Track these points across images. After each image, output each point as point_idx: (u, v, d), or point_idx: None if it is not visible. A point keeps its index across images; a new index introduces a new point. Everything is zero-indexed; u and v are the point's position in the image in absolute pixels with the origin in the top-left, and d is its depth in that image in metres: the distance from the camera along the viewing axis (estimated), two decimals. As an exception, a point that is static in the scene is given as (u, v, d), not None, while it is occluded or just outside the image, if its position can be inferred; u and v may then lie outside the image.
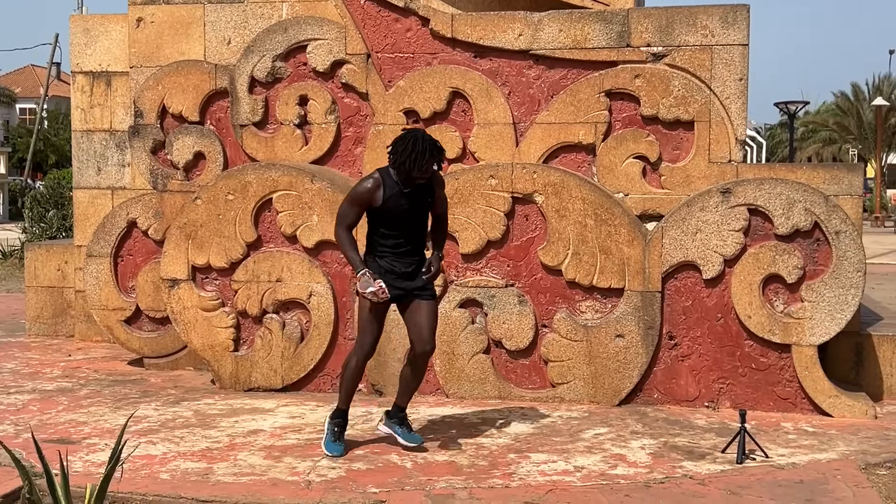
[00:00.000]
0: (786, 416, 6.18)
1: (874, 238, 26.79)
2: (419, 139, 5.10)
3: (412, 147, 5.07)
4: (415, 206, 5.24)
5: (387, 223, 5.22)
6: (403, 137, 5.14)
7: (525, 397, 6.60)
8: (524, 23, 6.89)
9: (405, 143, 5.10)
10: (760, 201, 6.25)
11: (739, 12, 6.59)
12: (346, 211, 5.21)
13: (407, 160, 5.07)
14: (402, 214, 5.21)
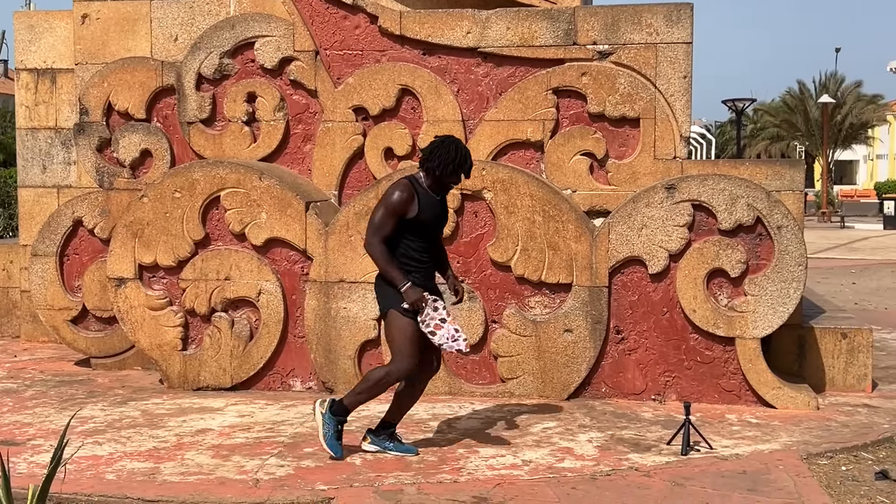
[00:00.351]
0: (731, 408, 6.29)
1: (820, 233, 27.32)
2: (459, 145, 5.07)
3: (455, 153, 5.03)
4: (441, 214, 5.18)
5: (417, 234, 5.03)
6: (443, 143, 5.06)
7: (475, 393, 6.64)
8: (472, 20, 6.92)
9: (446, 148, 5.03)
10: (704, 197, 6.35)
11: (683, 11, 6.68)
12: (383, 222, 4.94)
13: (450, 165, 5.01)
14: (434, 224, 5.11)
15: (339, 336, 6.70)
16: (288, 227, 6.73)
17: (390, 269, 4.94)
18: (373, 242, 4.96)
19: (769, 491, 4.63)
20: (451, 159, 5.02)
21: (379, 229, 4.95)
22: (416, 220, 5.00)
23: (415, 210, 4.98)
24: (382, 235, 4.95)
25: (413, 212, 4.98)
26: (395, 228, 4.97)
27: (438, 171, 5.03)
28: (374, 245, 4.96)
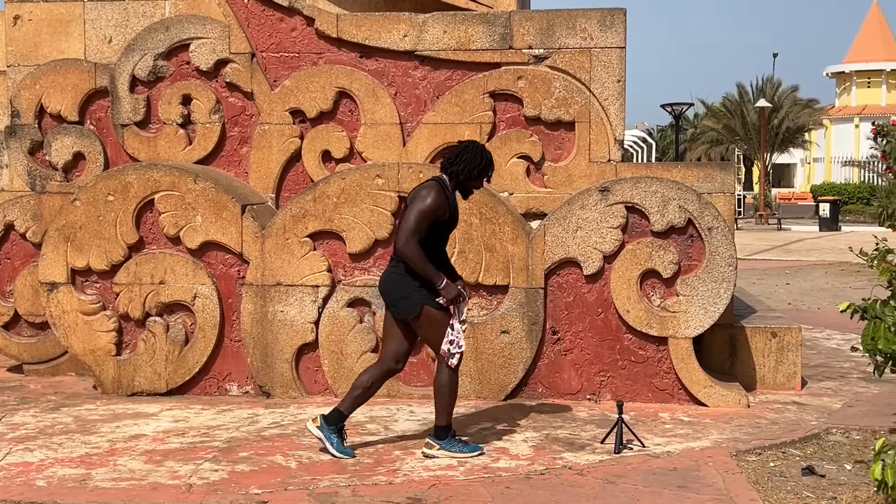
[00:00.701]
0: (664, 407, 6.40)
1: (758, 235, 27.84)
2: (484, 150, 5.26)
3: (481, 157, 5.22)
4: (453, 220, 5.33)
5: (437, 236, 5.23)
6: (469, 148, 5.24)
7: (414, 395, 6.66)
8: (409, 24, 6.95)
9: (473, 153, 5.21)
10: (637, 199, 6.45)
11: (616, 16, 6.78)
12: (421, 225, 5.07)
13: (475, 169, 5.20)
14: (453, 226, 5.34)
15: (276, 339, 6.67)
16: (224, 231, 6.69)
17: (428, 269, 5.09)
18: (410, 244, 5.06)
19: (698, 487, 4.72)
20: (476, 163, 5.21)
21: (416, 231, 5.07)
22: (444, 222, 5.21)
23: (446, 213, 5.19)
24: (419, 237, 5.08)
25: (446, 214, 5.19)
26: (429, 230, 5.13)
27: (463, 176, 5.21)
28: (411, 246, 5.06)
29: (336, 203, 6.67)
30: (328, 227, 6.68)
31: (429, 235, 5.15)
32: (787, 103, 45.08)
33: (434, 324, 5.17)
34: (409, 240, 5.06)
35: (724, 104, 47.67)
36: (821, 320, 10.50)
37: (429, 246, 5.15)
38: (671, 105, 29.95)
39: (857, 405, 6.52)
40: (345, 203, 6.66)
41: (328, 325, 6.67)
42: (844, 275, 15.88)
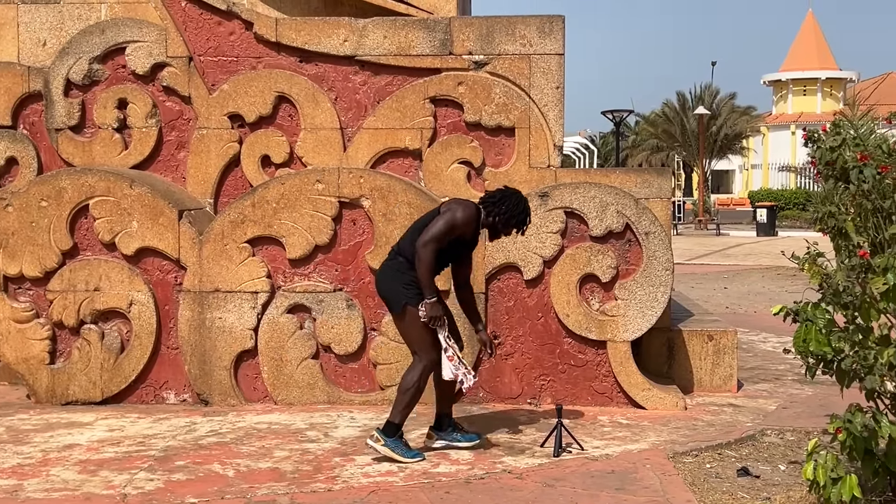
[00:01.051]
0: (603, 410, 6.45)
1: (697, 240, 28.27)
2: (527, 203, 5.44)
3: (523, 208, 5.38)
4: (468, 246, 5.49)
5: (451, 256, 5.40)
6: (514, 196, 5.39)
7: (354, 401, 6.63)
8: (349, 28, 6.93)
9: (516, 201, 5.38)
10: (576, 204, 6.50)
11: (555, 23, 6.84)
12: (444, 234, 5.22)
13: (514, 218, 5.36)
14: (468, 252, 5.51)
15: (214, 347, 6.60)
16: (160, 236, 6.60)
17: (430, 278, 5.18)
18: (429, 247, 5.16)
19: (636, 489, 4.76)
20: (517, 212, 5.36)
21: (438, 239, 5.19)
22: (463, 243, 5.38)
23: (469, 234, 5.34)
24: (438, 246, 5.19)
25: (470, 234, 5.36)
26: (449, 242, 5.26)
27: (501, 219, 5.36)
28: (428, 250, 5.16)
29: (275, 208, 6.62)
30: (267, 232, 6.63)
31: (445, 255, 5.32)
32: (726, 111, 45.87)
33: (415, 323, 5.24)
34: (430, 243, 5.17)
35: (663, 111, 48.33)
36: (757, 323, 10.68)
37: (439, 258, 5.27)
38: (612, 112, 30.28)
39: (791, 406, 6.64)
40: (284, 208, 6.61)
41: (268, 331, 6.61)
42: (781, 279, 16.19)
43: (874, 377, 4.13)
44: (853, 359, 4.16)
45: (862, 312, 4.26)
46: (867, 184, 4.44)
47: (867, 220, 4.46)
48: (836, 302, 4.32)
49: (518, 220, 5.37)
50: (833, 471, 4.05)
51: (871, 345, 4.23)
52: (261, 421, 6.19)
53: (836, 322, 4.32)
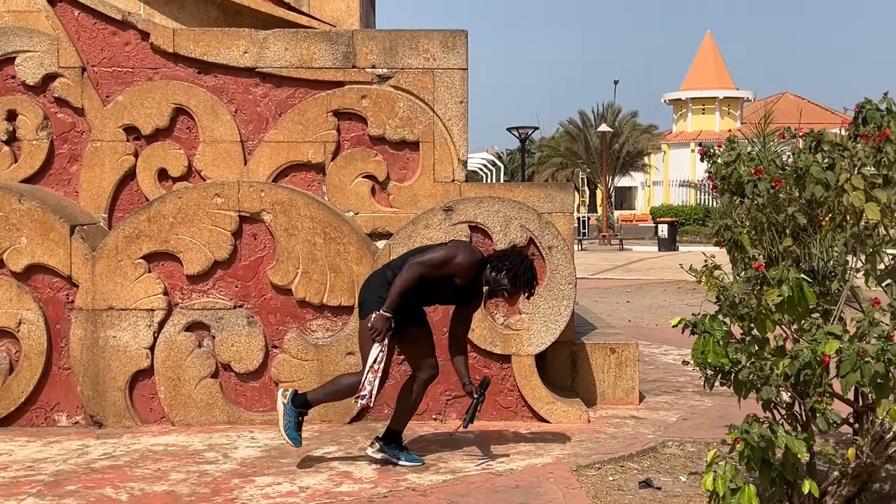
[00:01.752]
0: (508, 425, 6.44)
1: (601, 255, 28.73)
2: (533, 268, 5.32)
3: (529, 273, 5.26)
4: (470, 297, 5.43)
5: (434, 296, 5.39)
6: (520, 258, 5.32)
7: (255, 420, 6.47)
8: (250, 40, 6.81)
9: (522, 263, 5.26)
10: (480, 219, 6.50)
11: (458, 38, 6.84)
12: (437, 266, 5.20)
13: (518, 280, 5.22)
14: (454, 299, 5.40)
15: (108, 367, 6.36)
16: (51, 253, 6.35)
17: (399, 295, 5.12)
18: (414, 268, 5.15)
19: (539, 503, 4.74)
20: (520, 273, 5.22)
21: (429, 265, 5.18)
22: (455, 288, 5.29)
23: (462, 280, 5.25)
24: (425, 271, 5.16)
25: (460, 280, 5.25)
26: (438, 277, 5.20)
27: (500, 276, 5.24)
28: (413, 270, 5.14)
29: (172, 223, 6.44)
30: (164, 247, 6.44)
31: (427, 293, 5.28)
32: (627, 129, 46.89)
33: (418, 344, 5.43)
34: (418, 265, 5.16)
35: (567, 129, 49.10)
36: (658, 336, 10.86)
37: (423, 288, 5.21)
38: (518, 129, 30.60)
39: (691, 418, 6.74)
40: (182, 223, 6.43)
41: (164, 350, 6.41)
42: (681, 292, 16.53)
43: (770, 388, 4.20)
44: (750, 370, 4.22)
45: (758, 324, 4.33)
46: (761, 198, 4.53)
47: (762, 233, 4.55)
48: (732, 314, 4.38)
49: (526, 278, 5.25)
50: (732, 481, 4.09)
51: (767, 356, 4.29)
52: (157, 443, 5.98)
53: (734, 334, 4.38)
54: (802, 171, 4.40)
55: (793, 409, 4.44)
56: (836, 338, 4.14)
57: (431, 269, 5.19)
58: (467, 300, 5.45)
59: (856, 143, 4.37)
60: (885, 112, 4.33)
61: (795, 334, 4.43)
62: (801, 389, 4.22)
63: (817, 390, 4.13)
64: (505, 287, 5.25)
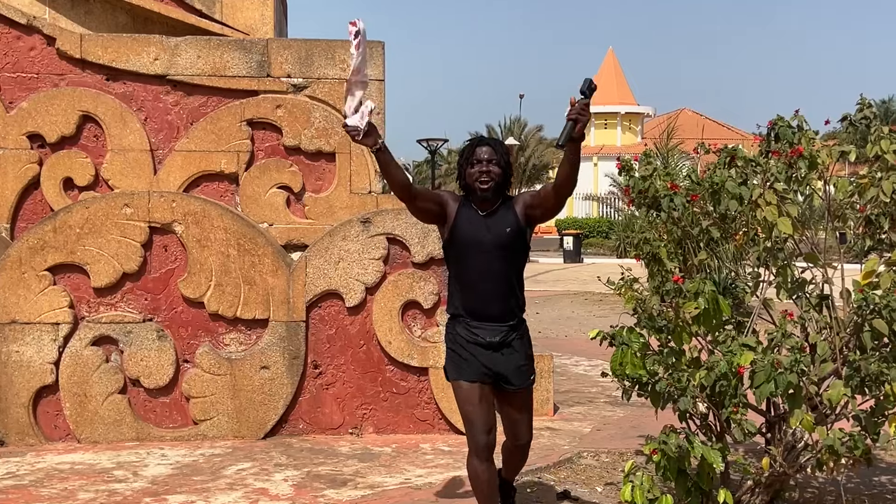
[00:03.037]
0: (425, 437, 6.41)
1: (509, 267, 28.92)
2: (475, 140, 4.26)
3: (465, 148, 4.23)
4: (489, 235, 4.10)
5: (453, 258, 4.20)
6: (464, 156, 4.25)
7: (165, 437, 6.30)
8: (160, 47, 6.64)
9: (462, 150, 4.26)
10: (398, 231, 6.47)
11: (375, 49, 6.81)
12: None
13: (463, 164, 4.21)
14: (473, 246, 4.11)
15: (10, 383, 6.11)
16: (-51, 264, 6.07)
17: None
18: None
19: (461, 517, 4.73)
20: (464, 151, 4.22)
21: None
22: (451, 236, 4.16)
23: (451, 217, 4.14)
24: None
25: (449, 219, 4.15)
26: (424, 202, 4.18)
27: (461, 176, 4.23)
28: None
29: (79, 234, 6.23)
30: (70, 259, 6.23)
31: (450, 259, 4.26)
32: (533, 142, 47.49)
33: (457, 399, 4.24)
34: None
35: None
36: (569, 347, 10.98)
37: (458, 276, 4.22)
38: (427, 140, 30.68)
39: (604, 428, 6.82)
40: (89, 234, 6.23)
41: (70, 365, 6.19)
42: (588, 304, 16.77)
43: (687, 399, 4.28)
44: (667, 381, 4.30)
45: (675, 336, 4.41)
46: (677, 211, 4.62)
47: (679, 246, 4.64)
48: (650, 326, 4.46)
49: (464, 156, 4.22)
50: (649, 491, 4.15)
51: (683, 367, 4.38)
52: (63, 461, 5.77)
53: (651, 345, 4.45)
54: (718, 186, 4.51)
55: (708, 419, 4.53)
56: (751, 349, 4.24)
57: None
58: (491, 241, 4.18)
59: (768, 160, 4.50)
60: (797, 129, 4.47)
61: (711, 346, 4.53)
62: (717, 400, 4.31)
63: (733, 401, 4.23)
64: (473, 188, 4.17)
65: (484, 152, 4.15)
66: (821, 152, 4.53)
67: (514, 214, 4.15)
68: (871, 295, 4.21)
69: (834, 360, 4.37)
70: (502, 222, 4.14)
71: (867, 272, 4.48)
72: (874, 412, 4.31)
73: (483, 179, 4.13)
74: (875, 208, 4.59)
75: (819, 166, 4.53)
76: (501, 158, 4.17)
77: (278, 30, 7.83)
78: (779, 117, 4.53)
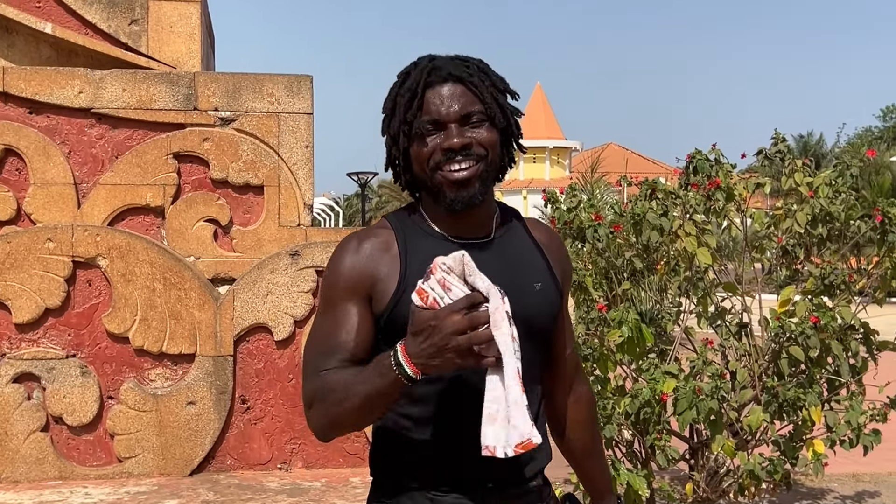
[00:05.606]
0: (355, 471, 6.38)
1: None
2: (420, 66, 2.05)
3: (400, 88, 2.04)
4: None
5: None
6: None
7: (89, 475, 6.17)
8: (85, 80, 6.58)
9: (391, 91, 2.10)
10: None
11: (303, 82, 6.84)
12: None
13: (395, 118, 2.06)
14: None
15: (-75, 422, 5.93)
16: None
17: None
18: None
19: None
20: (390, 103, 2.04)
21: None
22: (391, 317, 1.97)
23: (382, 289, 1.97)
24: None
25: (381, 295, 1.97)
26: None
27: (390, 142, 2.04)
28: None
29: (0, 269, 6.10)
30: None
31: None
32: (464, 175, 47.73)
33: None
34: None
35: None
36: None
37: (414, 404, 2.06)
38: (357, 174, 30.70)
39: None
40: (10, 269, 6.11)
41: (-10, 403, 6.03)
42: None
43: (612, 426, 4.36)
44: (594, 409, 4.36)
45: (600, 364, 4.49)
46: (601, 242, 4.73)
47: (604, 276, 4.74)
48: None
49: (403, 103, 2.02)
50: (578, 518, 4.20)
51: (609, 395, 4.46)
52: None
53: (578, 374, 4.52)
54: (639, 218, 4.62)
55: (633, 446, 4.62)
56: (673, 377, 4.35)
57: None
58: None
59: (687, 192, 4.64)
60: (714, 162, 4.62)
61: (635, 374, 4.62)
62: (642, 427, 4.40)
63: (656, 428, 4.32)
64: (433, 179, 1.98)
65: (447, 97, 1.94)
66: (738, 185, 4.68)
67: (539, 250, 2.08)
68: (788, 323, 4.36)
69: (753, 387, 4.50)
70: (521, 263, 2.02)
71: (783, 301, 4.63)
72: (792, 437, 4.44)
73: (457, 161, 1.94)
74: (790, 239, 4.76)
75: (736, 198, 4.69)
76: (490, 103, 1.97)
77: (205, 63, 7.81)
78: (697, 151, 4.68)
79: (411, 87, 1.98)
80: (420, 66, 2.02)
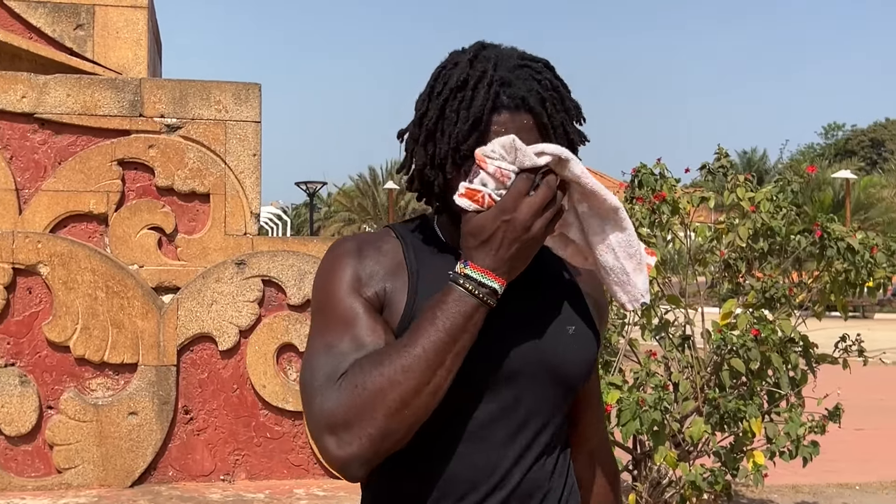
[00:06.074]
0: (299, 483, 6.34)
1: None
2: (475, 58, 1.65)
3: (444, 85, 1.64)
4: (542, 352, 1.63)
5: None
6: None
7: (27, 486, 6.04)
8: (28, 84, 6.47)
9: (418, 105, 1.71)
10: (274, 273, 6.43)
11: (251, 90, 6.80)
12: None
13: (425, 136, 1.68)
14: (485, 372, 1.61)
15: None
16: None
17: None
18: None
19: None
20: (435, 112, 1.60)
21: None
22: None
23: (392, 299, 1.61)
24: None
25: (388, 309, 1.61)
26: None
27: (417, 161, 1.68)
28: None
29: (-63, 275, 5.96)
30: (-74, 302, 5.95)
31: None
32: (414, 186, 47.76)
33: None
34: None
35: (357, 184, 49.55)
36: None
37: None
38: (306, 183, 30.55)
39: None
40: (-53, 275, 5.97)
41: (-77, 413, 5.88)
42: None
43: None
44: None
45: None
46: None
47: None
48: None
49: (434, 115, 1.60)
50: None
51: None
52: None
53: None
54: (585, 231, 4.66)
55: (578, 457, 4.65)
56: (617, 388, 4.38)
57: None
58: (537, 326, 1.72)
59: (633, 205, 4.69)
60: (659, 176, 4.68)
61: (580, 385, 4.65)
62: (586, 438, 4.43)
63: (600, 438, 4.35)
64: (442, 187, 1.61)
65: (514, 131, 1.54)
66: (682, 198, 4.75)
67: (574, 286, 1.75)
68: (729, 335, 4.42)
69: (695, 398, 4.55)
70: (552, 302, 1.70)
71: (725, 313, 4.70)
72: (733, 448, 4.50)
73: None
74: (733, 252, 4.83)
75: (681, 212, 4.75)
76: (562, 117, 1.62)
77: (152, 69, 7.73)
78: (642, 165, 4.73)
79: (474, 108, 1.54)
80: (480, 72, 1.56)
